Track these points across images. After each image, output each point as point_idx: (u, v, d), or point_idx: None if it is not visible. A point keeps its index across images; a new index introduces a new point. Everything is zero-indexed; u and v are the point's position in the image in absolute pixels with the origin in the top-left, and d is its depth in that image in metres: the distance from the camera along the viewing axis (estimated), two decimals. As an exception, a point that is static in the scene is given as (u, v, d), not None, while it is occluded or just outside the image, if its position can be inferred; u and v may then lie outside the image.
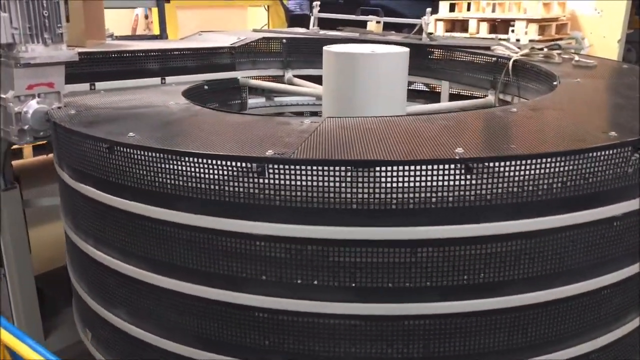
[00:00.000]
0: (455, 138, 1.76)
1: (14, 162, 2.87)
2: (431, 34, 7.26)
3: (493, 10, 7.22)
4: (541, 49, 3.28)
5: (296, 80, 3.55)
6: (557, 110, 2.10)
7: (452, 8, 7.56)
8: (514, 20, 6.82)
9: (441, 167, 1.54)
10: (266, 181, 1.60)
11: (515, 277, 1.64)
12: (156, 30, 4.44)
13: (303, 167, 1.57)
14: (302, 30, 4.07)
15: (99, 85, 2.73)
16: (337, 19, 4.04)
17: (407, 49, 2.77)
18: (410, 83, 3.74)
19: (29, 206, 2.68)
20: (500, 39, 6.49)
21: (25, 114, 2.22)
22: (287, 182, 1.58)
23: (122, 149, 1.77)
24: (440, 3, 7.53)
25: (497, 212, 1.58)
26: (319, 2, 3.96)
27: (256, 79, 3.56)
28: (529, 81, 3.04)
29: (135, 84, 2.83)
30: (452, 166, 1.55)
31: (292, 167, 1.57)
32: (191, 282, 1.75)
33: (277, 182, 1.59)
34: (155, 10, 4.68)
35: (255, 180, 1.60)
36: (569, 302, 1.73)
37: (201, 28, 8.73)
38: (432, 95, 3.83)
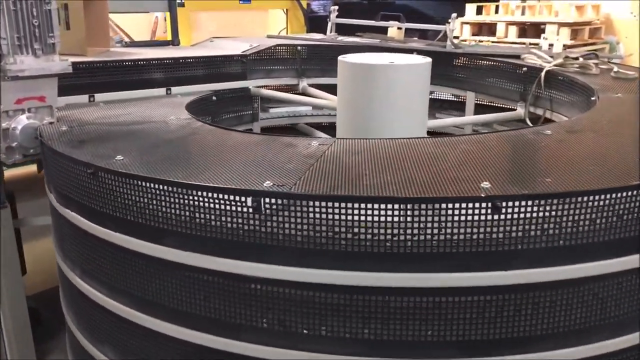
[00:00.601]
0: (480, 167, 1.53)
1: (12, 172, 2.74)
2: (456, 38, 7.02)
3: (523, 13, 6.92)
4: (576, 58, 3.02)
5: (311, 90, 3.35)
6: (598, 133, 1.86)
7: (479, 11, 7.29)
8: (544, 24, 6.52)
9: (464, 205, 1.33)
10: (263, 217, 1.40)
11: (549, 331, 1.41)
12: (170, 36, 4.27)
13: (304, 203, 1.36)
14: (319, 36, 3.87)
15: (99, 96, 2.57)
16: (358, 24, 3.82)
17: (429, 60, 2.55)
18: (432, 92, 3.52)
19: (23, 225, 2.53)
20: (531, 44, 6.22)
21: (13, 130, 2.06)
22: (287, 219, 1.38)
23: (105, 175, 1.59)
24: (467, 5, 7.27)
25: (527, 257, 1.36)
26: (336, 7, 3.75)
27: (269, 88, 3.36)
28: (563, 94, 2.79)
29: (138, 95, 2.66)
30: (477, 205, 1.33)
31: (292, 202, 1.37)
32: (179, 324, 1.56)
33: (275, 218, 1.39)
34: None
35: (251, 215, 1.41)
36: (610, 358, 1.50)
37: (220, 31, 8.61)
38: (458, 105, 3.59)
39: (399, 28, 3.69)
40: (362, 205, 1.34)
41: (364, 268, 1.37)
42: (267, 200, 1.39)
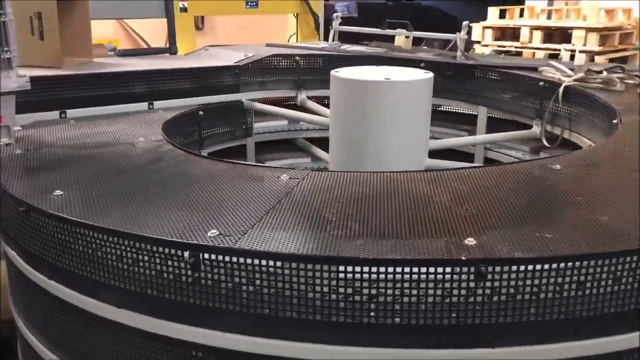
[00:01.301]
0: (468, 216, 1.29)
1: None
2: (477, 42, 6.71)
3: (548, 17, 6.57)
4: (600, 72, 2.72)
5: (309, 103, 3.12)
6: (617, 169, 1.59)
7: (502, 14, 6.96)
8: (571, 28, 6.16)
9: (440, 270, 1.09)
10: (202, 275, 1.18)
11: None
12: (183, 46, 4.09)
13: (249, 261, 1.14)
14: (322, 44, 3.64)
15: (72, 113, 2.38)
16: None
17: (430, 75, 2.30)
18: (438, 106, 3.26)
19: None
20: (553, 50, 5.88)
21: (-35, 153, 1.88)
22: (229, 278, 1.16)
23: (36, 214, 1.39)
24: (489, 9, 6.94)
25: (517, 332, 1.11)
26: (339, 14, 3.51)
27: (265, 100, 3.14)
28: (582, 113, 2.50)
29: (115, 110, 2.47)
30: (458, 269, 1.09)
31: (236, 259, 1.15)
32: (116, 390, 1.35)
33: (216, 277, 1.17)
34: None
35: (189, 272, 1.19)
36: None
37: (236, 34, 8.43)
38: (470, 119, 3.31)
39: (407, 37, 3.43)
40: (317, 267, 1.11)
41: (317, 339, 1.13)
42: (207, 255, 1.17)
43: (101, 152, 1.88)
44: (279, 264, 1.12)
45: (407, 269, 1.09)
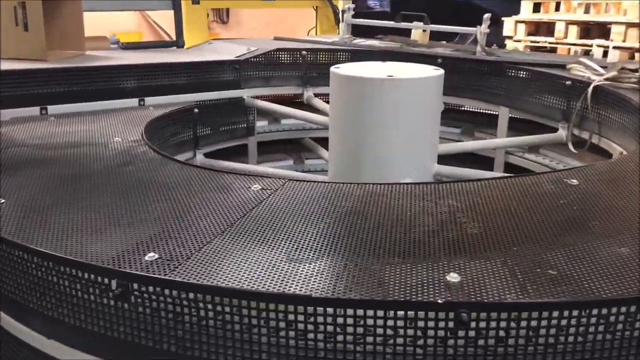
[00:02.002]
0: (456, 242, 1.07)
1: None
2: (509, 38, 6.38)
3: (586, 11, 6.19)
4: (635, 70, 2.44)
5: (316, 101, 2.91)
6: (646, 186, 1.34)
7: (537, 7, 6.60)
8: (610, 24, 5.78)
9: (410, 314, 0.88)
10: (132, 308, 1.00)
11: None
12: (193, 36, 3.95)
13: (183, 295, 0.95)
14: (333, 38, 3.42)
15: (53, 109, 2.23)
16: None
17: (440, 72, 2.07)
18: (456, 105, 3.01)
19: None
20: (590, 47, 5.53)
21: None
22: (163, 311, 0.97)
23: (-34, 227, 1.23)
24: (523, 2, 6.60)
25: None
26: (353, 6, 3.29)
27: (269, 98, 2.95)
28: (614, 116, 2.24)
29: (102, 107, 2.32)
30: (433, 315, 0.87)
31: (168, 292, 0.96)
32: None
33: (147, 310, 0.98)
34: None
35: (118, 304, 1.00)
36: None
37: (261, 29, 8.26)
38: (490, 119, 3.05)
39: (424, 30, 3.18)
40: (262, 306, 0.91)
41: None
42: (137, 286, 0.98)
43: (67, 154, 1.72)
44: (217, 300, 0.93)
45: (369, 312, 0.88)
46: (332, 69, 2.14)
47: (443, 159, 2.97)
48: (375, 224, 1.16)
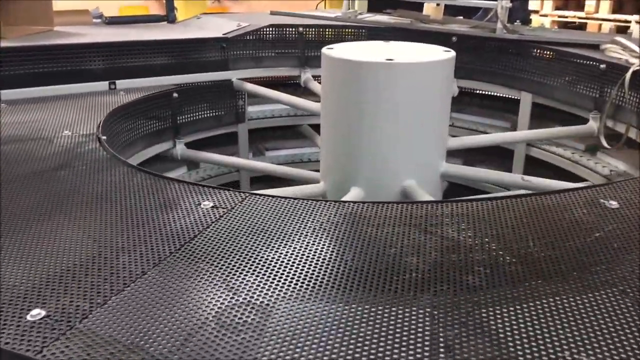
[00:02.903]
0: (456, 294, 0.78)
1: None
2: (535, 12, 5.93)
3: (619, -16, 5.73)
4: (683, 52, 2.08)
5: (314, 84, 2.60)
6: None
7: (565, -19, 6.15)
8: (647, -3, 5.32)
9: None
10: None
11: None
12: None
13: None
14: (336, 13, 3.09)
15: (8, 94, 1.96)
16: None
17: (450, 55, 1.75)
18: (473, 90, 2.68)
19: None
20: (624, 23, 5.09)
21: None
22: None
23: None
24: (551, -26, 6.14)
25: None
26: (357, -24, 2.94)
27: (261, 80, 2.65)
28: (656, 107, 1.90)
29: (68, 91, 2.04)
30: None
31: (42, 372, 0.69)
32: None
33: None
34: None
35: (-15, 380, 0.74)
36: None
37: (273, 3, 7.87)
38: (512, 106, 2.71)
39: (438, 4, 2.83)
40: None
41: None
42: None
43: (3, 151, 1.45)
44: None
45: None
46: (324, 50, 1.83)
47: (455, 153, 2.67)
48: (357, 264, 0.87)
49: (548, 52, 2.37)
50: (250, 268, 0.87)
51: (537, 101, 2.46)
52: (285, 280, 0.84)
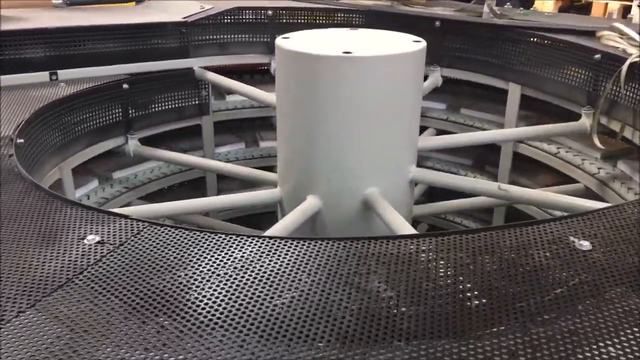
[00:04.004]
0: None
1: None
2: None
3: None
4: (688, 41, 1.86)
5: (283, 72, 2.38)
6: None
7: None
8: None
9: None
10: None
11: None
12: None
13: None
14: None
15: None
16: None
17: (420, 47, 1.53)
18: (458, 80, 2.47)
19: None
20: (631, 1, 4.82)
21: None
22: None
23: None
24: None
25: None
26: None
27: (227, 69, 2.44)
28: (655, 104, 1.68)
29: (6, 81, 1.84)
30: None
31: None
32: None
33: None
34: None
35: None
36: None
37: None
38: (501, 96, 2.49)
39: (421, -15, 2.60)
40: None
41: None
42: None
43: None
44: None
45: None
46: (277, 40, 1.61)
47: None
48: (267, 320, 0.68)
49: (538, 40, 2.14)
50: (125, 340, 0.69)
51: (526, 93, 2.24)
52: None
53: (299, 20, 2.45)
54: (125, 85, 2.06)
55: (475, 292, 0.76)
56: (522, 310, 0.72)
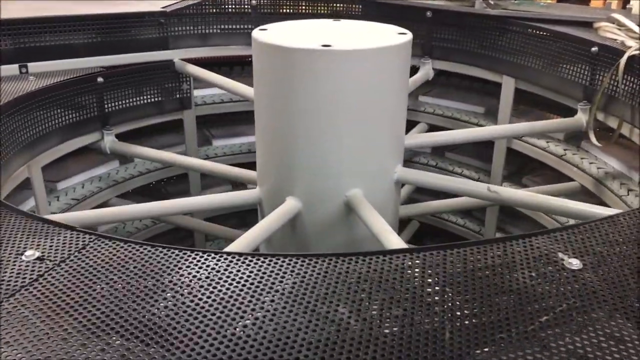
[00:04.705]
0: None
1: None
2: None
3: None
4: (689, 33, 1.76)
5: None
6: None
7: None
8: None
9: None
10: None
11: None
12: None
13: None
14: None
15: None
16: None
17: (405, 40, 1.44)
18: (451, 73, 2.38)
19: None
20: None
21: None
22: None
23: None
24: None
25: None
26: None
27: (209, 60, 2.35)
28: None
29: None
30: None
31: None
32: None
33: None
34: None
35: None
36: None
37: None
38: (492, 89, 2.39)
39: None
40: None
41: None
42: None
43: None
44: None
45: None
46: (254, 32, 1.52)
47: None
48: None
49: (533, 31, 2.04)
50: None
51: (520, 87, 2.14)
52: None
53: (284, 10, 2.35)
54: (100, 79, 1.96)
55: (449, 322, 0.67)
56: (501, 342, 0.64)
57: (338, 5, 2.35)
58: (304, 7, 2.36)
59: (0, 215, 0.93)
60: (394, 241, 1.27)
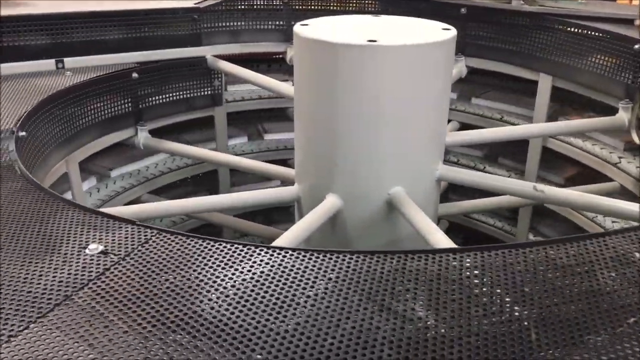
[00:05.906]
0: None
1: None
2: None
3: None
4: None
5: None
6: None
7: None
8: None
9: None
10: None
11: None
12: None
13: None
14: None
15: None
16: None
17: (449, 36, 1.42)
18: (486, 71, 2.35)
19: None
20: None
21: None
22: None
23: None
24: None
25: None
26: None
27: (241, 57, 2.34)
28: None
29: (6, 70, 1.75)
30: None
31: None
32: None
33: None
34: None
35: None
36: None
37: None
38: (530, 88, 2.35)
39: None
40: None
41: None
42: None
43: None
44: None
45: None
46: (295, 27, 1.50)
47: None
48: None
49: (572, 28, 2.01)
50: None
51: (557, 85, 2.11)
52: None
53: (316, 7, 2.33)
54: (135, 74, 1.96)
55: (533, 321, 0.65)
56: (591, 344, 0.62)
57: (371, 1, 2.33)
58: (335, 4, 2.34)
59: (61, 208, 0.93)
60: (442, 240, 1.25)
